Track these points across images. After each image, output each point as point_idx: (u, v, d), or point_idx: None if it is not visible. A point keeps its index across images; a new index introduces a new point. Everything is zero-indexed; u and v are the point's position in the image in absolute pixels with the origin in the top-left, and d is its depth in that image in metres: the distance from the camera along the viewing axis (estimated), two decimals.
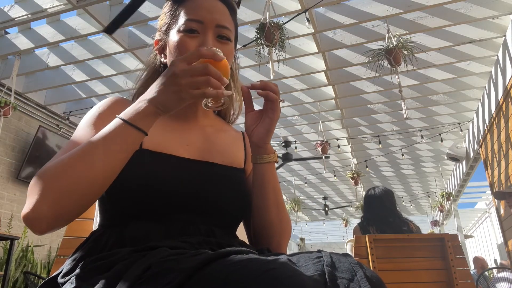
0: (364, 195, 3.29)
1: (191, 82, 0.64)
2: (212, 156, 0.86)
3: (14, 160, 4.82)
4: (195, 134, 0.88)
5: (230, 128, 1.00)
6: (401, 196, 10.08)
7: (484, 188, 10.20)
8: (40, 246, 5.02)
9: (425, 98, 5.23)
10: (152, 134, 0.76)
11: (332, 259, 0.59)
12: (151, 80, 0.91)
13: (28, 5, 3.57)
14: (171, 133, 0.85)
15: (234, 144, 0.95)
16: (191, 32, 0.82)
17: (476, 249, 15.09)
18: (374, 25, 3.87)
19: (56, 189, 0.62)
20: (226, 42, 0.85)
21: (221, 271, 0.49)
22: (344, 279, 0.54)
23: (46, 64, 4.28)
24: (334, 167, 7.76)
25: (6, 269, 3.59)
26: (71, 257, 0.71)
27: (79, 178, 0.63)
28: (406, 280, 2.03)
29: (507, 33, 3.82)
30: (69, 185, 0.62)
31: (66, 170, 0.63)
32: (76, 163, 0.64)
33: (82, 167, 0.63)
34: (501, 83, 4.18)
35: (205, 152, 0.85)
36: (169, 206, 0.74)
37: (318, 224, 14.54)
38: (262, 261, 0.50)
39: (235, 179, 0.86)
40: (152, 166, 0.75)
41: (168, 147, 0.81)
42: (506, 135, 4.15)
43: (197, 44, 0.82)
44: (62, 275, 0.66)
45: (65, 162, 0.64)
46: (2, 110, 4.02)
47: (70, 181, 0.62)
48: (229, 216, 0.82)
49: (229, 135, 0.96)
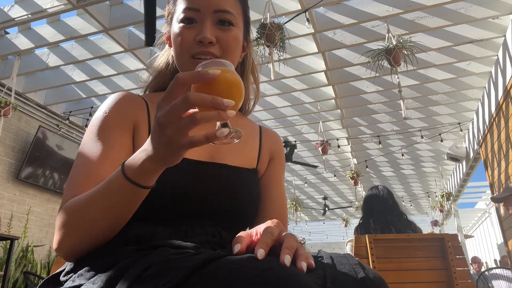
0: (365, 195, 3.25)
1: (176, 128, 0.51)
2: (223, 156, 0.82)
3: (14, 160, 4.82)
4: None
5: (246, 121, 0.95)
6: (401, 196, 10.08)
7: (484, 188, 10.21)
8: (40, 246, 5.02)
9: (425, 98, 5.23)
10: None
11: (333, 260, 0.59)
12: (163, 75, 0.91)
13: (28, 5, 3.57)
14: None
15: (248, 142, 0.90)
16: (188, 22, 0.78)
17: (476, 249, 15.09)
18: (374, 25, 3.87)
19: (73, 235, 0.65)
20: (228, 28, 0.79)
21: (220, 271, 0.49)
22: (345, 281, 0.54)
23: (46, 64, 4.28)
24: (334, 167, 7.76)
25: (6, 269, 3.59)
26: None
27: (91, 228, 0.64)
28: (406, 280, 2.03)
29: (507, 33, 3.82)
30: (85, 232, 0.65)
31: (79, 219, 0.64)
32: (85, 215, 0.64)
33: (93, 216, 0.63)
34: (501, 83, 4.18)
35: (216, 152, 0.82)
36: (175, 209, 0.73)
37: (318, 224, 14.54)
38: (261, 261, 0.50)
39: (245, 182, 0.83)
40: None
41: None
42: (506, 135, 4.15)
43: (195, 35, 0.77)
44: (64, 273, 0.67)
45: (78, 210, 0.64)
46: (2, 110, 4.02)
47: (85, 228, 0.64)
48: (236, 220, 0.80)
49: (244, 128, 0.88)
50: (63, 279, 0.66)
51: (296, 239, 0.59)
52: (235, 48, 0.81)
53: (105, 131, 0.76)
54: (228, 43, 0.79)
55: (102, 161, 0.72)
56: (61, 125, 5.46)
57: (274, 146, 0.95)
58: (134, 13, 3.61)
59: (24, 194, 4.94)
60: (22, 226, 4.76)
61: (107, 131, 0.76)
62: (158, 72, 0.91)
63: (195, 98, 0.50)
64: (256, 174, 0.88)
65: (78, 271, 0.63)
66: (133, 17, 3.60)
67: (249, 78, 0.94)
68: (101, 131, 0.75)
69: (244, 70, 0.93)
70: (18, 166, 4.82)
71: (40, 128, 5.02)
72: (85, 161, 0.72)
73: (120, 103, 0.81)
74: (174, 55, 0.83)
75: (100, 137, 0.75)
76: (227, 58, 0.78)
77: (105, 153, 0.73)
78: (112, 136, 0.75)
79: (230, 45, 0.79)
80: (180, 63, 0.81)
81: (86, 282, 0.58)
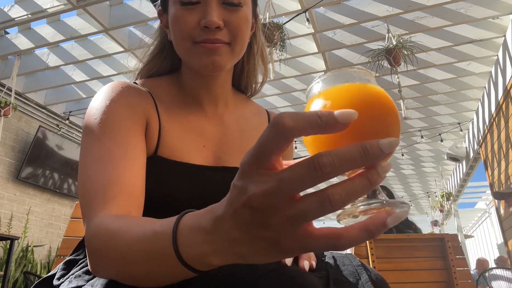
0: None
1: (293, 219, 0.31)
2: (229, 157, 0.75)
3: (14, 160, 4.82)
4: (213, 130, 0.76)
5: (253, 107, 0.85)
6: (401, 196, 10.07)
7: (484, 188, 10.20)
8: (40, 246, 5.02)
9: (425, 98, 5.23)
10: (169, 135, 0.70)
11: (336, 261, 0.58)
12: (158, 57, 0.79)
13: (28, 5, 3.57)
14: (188, 132, 0.73)
15: (256, 136, 0.78)
16: (189, 4, 0.66)
17: (476, 249, 15.09)
18: (374, 25, 3.87)
19: (111, 273, 0.52)
20: (236, 9, 0.67)
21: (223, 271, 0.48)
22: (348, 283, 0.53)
23: (46, 64, 4.28)
24: None
25: (6, 269, 3.59)
26: (70, 255, 0.70)
27: (131, 277, 0.50)
28: (406, 280, 2.03)
29: (507, 33, 3.82)
30: (123, 274, 0.51)
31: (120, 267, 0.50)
32: (125, 270, 0.49)
33: (135, 275, 0.49)
34: (501, 83, 4.18)
35: (222, 152, 0.75)
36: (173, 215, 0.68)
37: (318, 224, 14.52)
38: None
39: None
40: (163, 175, 0.68)
41: (184, 152, 0.71)
42: (506, 135, 4.15)
43: (197, 19, 0.66)
44: (60, 274, 0.65)
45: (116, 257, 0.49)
46: (2, 110, 4.02)
47: (126, 277, 0.51)
48: None
49: (251, 122, 0.82)
50: (57, 282, 0.63)
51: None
52: (246, 31, 0.70)
53: (117, 130, 0.63)
54: (238, 27, 0.68)
55: (122, 169, 0.59)
56: (61, 125, 5.46)
57: None
58: (134, 13, 3.61)
59: (24, 194, 4.94)
60: (22, 226, 4.76)
61: (120, 130, 0.63)
62: (151, 57, 0.79)
63: (339, 161, 0.29)
64: None
65: (73, 270, 0.62)
66: (133, 17, 3.60)
67: (259, 60, 0.83)
68: (112, 130, 0.63)
69: (251, 53, 0.81)
70: (18, 166, 4.82)
71: (40, 128, 5.02)
72: (99, 168, 0.59)
73: (129, 95, 0.68)
74: (174, 41, 0.71)
75: (112, 137, 0.62)
76: (236, 44, 0.69)
77: (123, 157, 0.60)
78: (127, 135, 0.63)
79: (241, 29, 0.68)
80: (181, 50, 0.70)
81: (85, 284, 0.57)
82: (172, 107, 0.74)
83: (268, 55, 0.84)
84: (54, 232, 5.37)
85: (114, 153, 0.60)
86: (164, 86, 0.77)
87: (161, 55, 0.79)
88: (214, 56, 0.67)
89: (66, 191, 5.46)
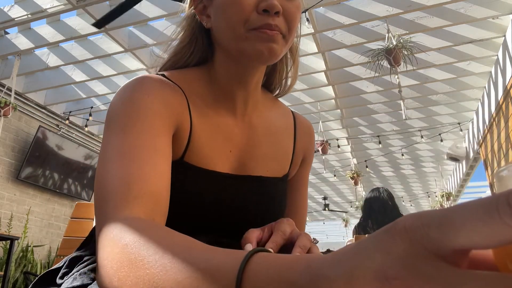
0: (366, 197, 3.25)
1: None
2: (254, 163, 0.72)
3: (14, 160, 4.82)
4: (240, 134, 0.72)
5: (280, 110, 0.80)
6: (401, 196, 10.07)
7: (484, 188, 10.20)
8: (40, 246, 5.02)
9: (425, 98, 5.23)
10: (199, 141, 0.66)
11: None
12: (188, 48, 0.72)
13: (28, 5, 3.57)
14: (217, 136, 0.69)
15: (282, 144, 0.77)
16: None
17: None
18: (374, 25, 3.86)
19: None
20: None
21: None
22: None
23: (46, 64, 4.28)
24: (334, 167, 7.76)
25: (6, 269, 3.59)
26: (75, 253, 0.68)
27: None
28: None
29: (507, 33, 3.82)
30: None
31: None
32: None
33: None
34: (501, 83, 4.18)
35: (247, 158, 0.72)
36: (195, 225, 0.65)
37: (318, 224, 14.53)
38: None
39: (276, 195, 0.74)
40: (187, 182, 0.65)
41: (211, 158, 0.67)
42: (506, 135, 4.15)
43: (255, 2, 0.61)
44: (62, 273, 0.64)
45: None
46: (2, 110, 4.02)
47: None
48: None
49: (278, 125, 0.77)
50: (60, 281, 0.61)
51: (309, 238, 0.54)
52: (298, 22, 0.65)
53: (148, 124, 0.58)
54: (294, 16, 0.63)
55: (150, 168, 0.54)
56: (61, 125, 5.45)
57: (308, 145, 0.82)
58: (134, 13, 3.61)
59: (24, 194, 4.94)
60: (22, 226, 4.76)
61: (151, 125, 0.58)
62: (180, 48, 0.72)
63: None
64: (286, 182, 0.78)
65: (78, 267, 0.60)
66: (133, 17, 3.60)
67: (294, 56, 0.78)
68: (142, 124, 0.57)
69: (293, 48, 0.76)
70: (18, 166, 4.82)
71: (40, 128, 5.02)
72: (124, 163, 0.53)
73: (163, 89, 0.63)
74: (221, 26, 0.65)
75: (141, 132, 0.56)
76: (290, 35, 0.64)
77: (151, 155, 0.55)
78: (157, 133, 0.58)
79: (296, 19, 0.64)
80: (231, 36, 0.63)
81: (92, 283, 0.54)
82: (203, 107, 0.69)
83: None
84: (54, 232, 5.37)
85: (142, 149, 0.54)
86: (195, 81, 0.70)
87: (191, 45, 0.71)
88: (271, 44, 0.61)
89: (66, 191, 5.46)
